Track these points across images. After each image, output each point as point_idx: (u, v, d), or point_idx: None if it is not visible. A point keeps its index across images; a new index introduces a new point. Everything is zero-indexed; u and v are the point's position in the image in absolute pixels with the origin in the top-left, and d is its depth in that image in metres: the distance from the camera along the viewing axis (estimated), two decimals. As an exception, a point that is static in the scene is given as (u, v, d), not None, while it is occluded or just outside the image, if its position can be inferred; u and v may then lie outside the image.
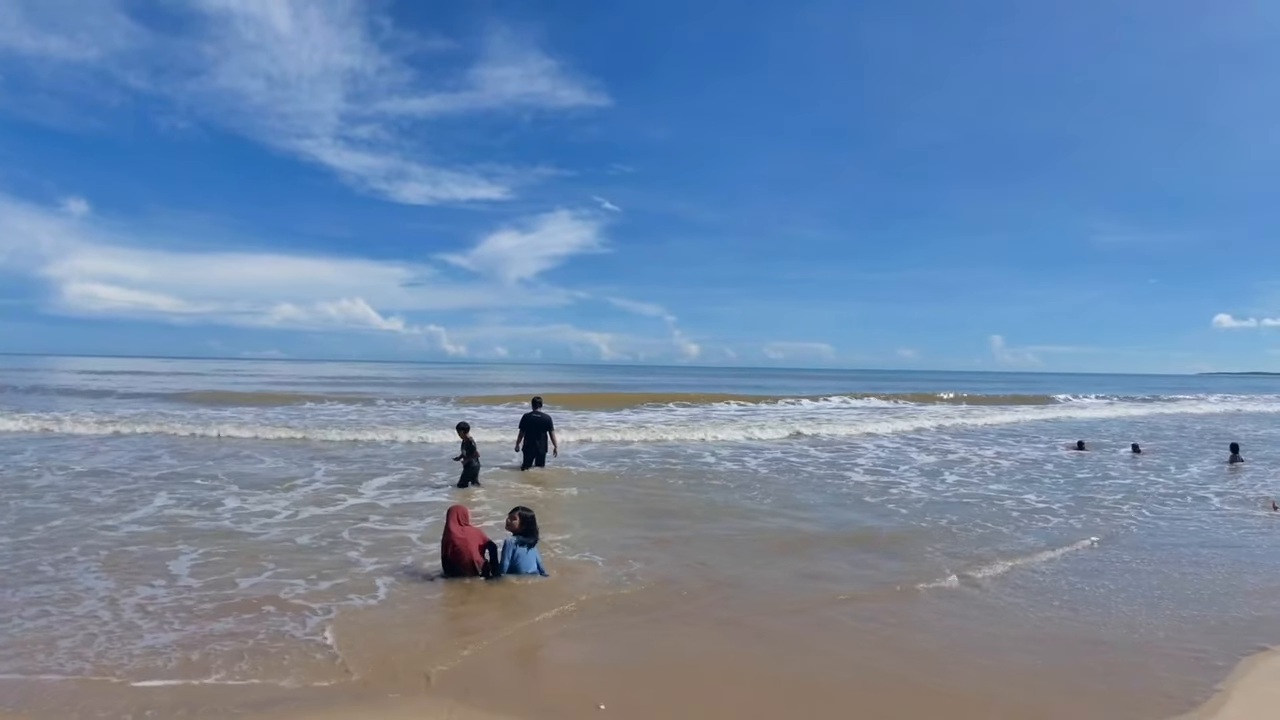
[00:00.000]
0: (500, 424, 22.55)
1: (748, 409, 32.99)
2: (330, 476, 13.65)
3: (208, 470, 14.09)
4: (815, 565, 8.31)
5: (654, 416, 28.74)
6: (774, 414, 30.63)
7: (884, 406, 37.30)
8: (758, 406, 34.47)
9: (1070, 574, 7.96)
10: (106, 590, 6.91)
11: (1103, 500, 12.27)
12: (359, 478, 13.52)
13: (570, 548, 8.90)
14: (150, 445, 17.71)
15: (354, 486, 12.58)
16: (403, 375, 74.89)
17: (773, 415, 29.67)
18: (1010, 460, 17.89)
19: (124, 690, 4.78)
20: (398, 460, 16.04)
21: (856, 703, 4.86)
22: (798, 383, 73.87)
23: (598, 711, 4.60)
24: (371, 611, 6.55)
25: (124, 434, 19.59)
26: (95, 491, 11.75)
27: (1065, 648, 5.86)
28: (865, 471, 15.76)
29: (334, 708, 4.62)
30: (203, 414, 25.47)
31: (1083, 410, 38.31)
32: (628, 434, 21.56)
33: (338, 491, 12.15)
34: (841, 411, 33.14)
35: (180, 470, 14.09)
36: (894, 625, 6.38)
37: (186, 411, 26.81)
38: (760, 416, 28.99)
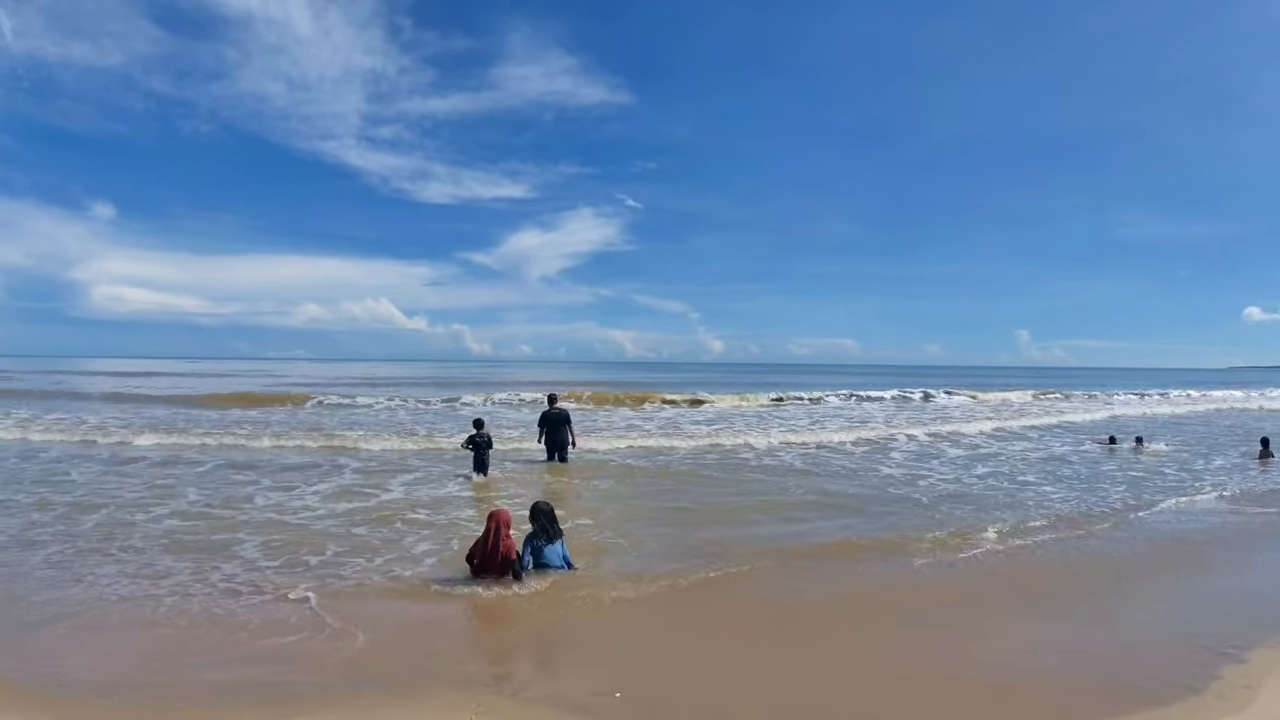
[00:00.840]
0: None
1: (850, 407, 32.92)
2: (357, 474, 13.96)
3: (247, 467, 14.46)
4: (847, 560, 8.37)
5: (682, 414, 28.85)
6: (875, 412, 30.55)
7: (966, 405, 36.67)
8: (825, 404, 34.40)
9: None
10: (187, 569, 7.61)
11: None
12: (393, 473, 13.84)
13: (593, 539, 9.13)
14: (176, 449, 18.18)
15: (386, 481, 12.88)
16: (432, 375, 75.37)
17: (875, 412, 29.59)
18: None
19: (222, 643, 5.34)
20: (420, 458, 16.32)
21: (878, 690, 4.94)
22: (824, 379, 73.24)
23: (614, 700, 4.75)
24: (404, 602, 6.80)
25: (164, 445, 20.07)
26: (131, 487, 12.20)
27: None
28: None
29: (362, 695, 4.82)
30: (242, 418, 25.97)
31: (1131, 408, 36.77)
32: (655, 435, 21.62)
33: (369, 485, 12.46)
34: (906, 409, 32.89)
35: (210, 469, 14.49)
36: (928, 625, 6.44)
37: (218, 413, 27.37)
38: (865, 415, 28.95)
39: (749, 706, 4.70)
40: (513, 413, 28.19)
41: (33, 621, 6.22)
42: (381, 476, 13.51)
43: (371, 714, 4.47)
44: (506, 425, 22.10)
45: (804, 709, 4.70)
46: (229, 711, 4.51)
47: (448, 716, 4.44)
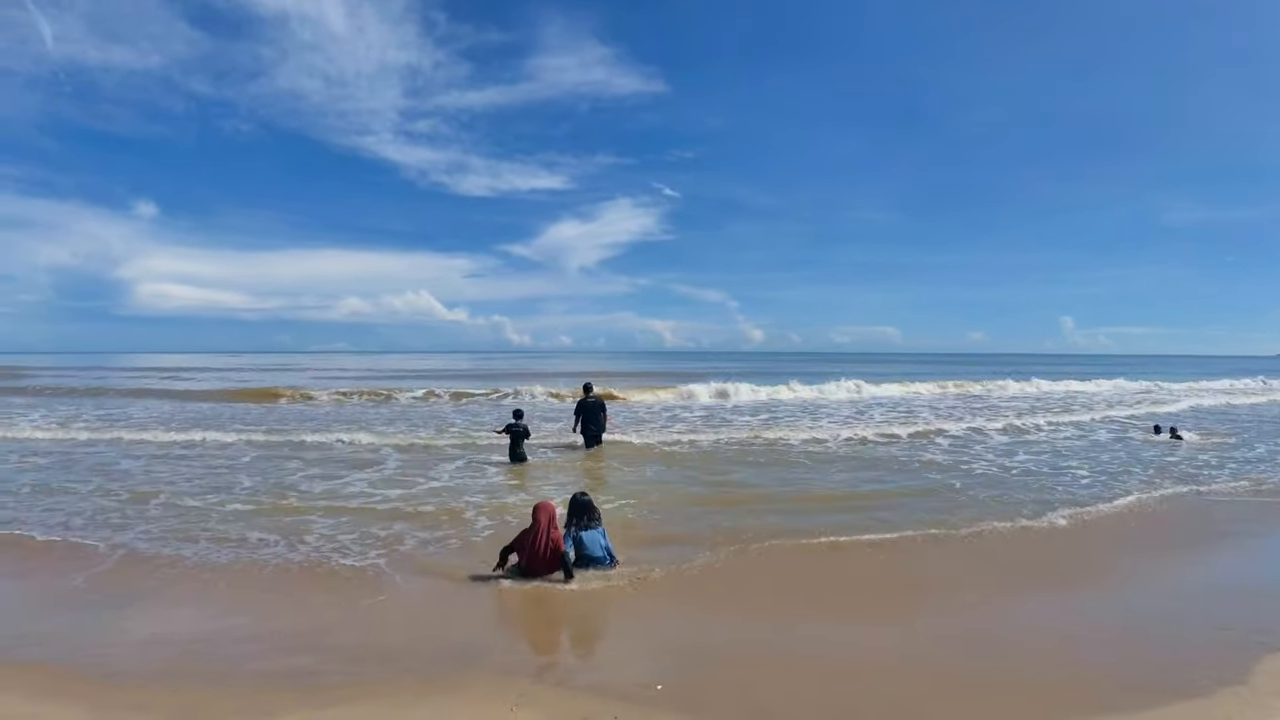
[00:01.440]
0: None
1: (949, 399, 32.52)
2: (400, 464, 14.09)
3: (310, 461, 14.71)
4: (888, 548, 8.21)
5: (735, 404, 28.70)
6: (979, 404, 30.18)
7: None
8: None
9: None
10: (277, 540, 8.37)
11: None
12: (435, 462, 13.94)
13: (634, 526, 9.14)
14: (231, 447, 18.54)
15: (429, 470, 12.98)
16: (473, 367, 76.11)
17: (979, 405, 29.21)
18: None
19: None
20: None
21: (916, 683, 4.80)
22: (867, 368, 72.38)
23: (655, 691, 4.67)
24: (447, 591, 6.82)
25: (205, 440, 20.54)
26: (185, 476, 12.49)
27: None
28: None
29: (402, 684, 4.81)
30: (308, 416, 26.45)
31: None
32: (699, 426, 21.51)
33: (413, 474, 12.56)
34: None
35: (267, 459, 14.77)
36: (964, 613, 6.30)
37: (261, 408, 27.94)
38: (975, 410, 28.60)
39: (789, 700, 4.59)
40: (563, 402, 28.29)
41: (92, 604, 6.38)
42: (424, 466, 13.64)
43: (411, 703, 4.44)
44: (546, 417, 22.25)
45: (842, 703, 4.58)
46: (269, 699, 4.51)
47: (487, 707, 4.40)
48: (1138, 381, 43.92)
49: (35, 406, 25.89)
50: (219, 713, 4.30)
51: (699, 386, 31.52)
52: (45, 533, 8.90)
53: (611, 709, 4.38)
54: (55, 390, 33.36)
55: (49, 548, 8.36)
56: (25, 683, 4.76)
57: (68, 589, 6.96)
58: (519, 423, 14.21)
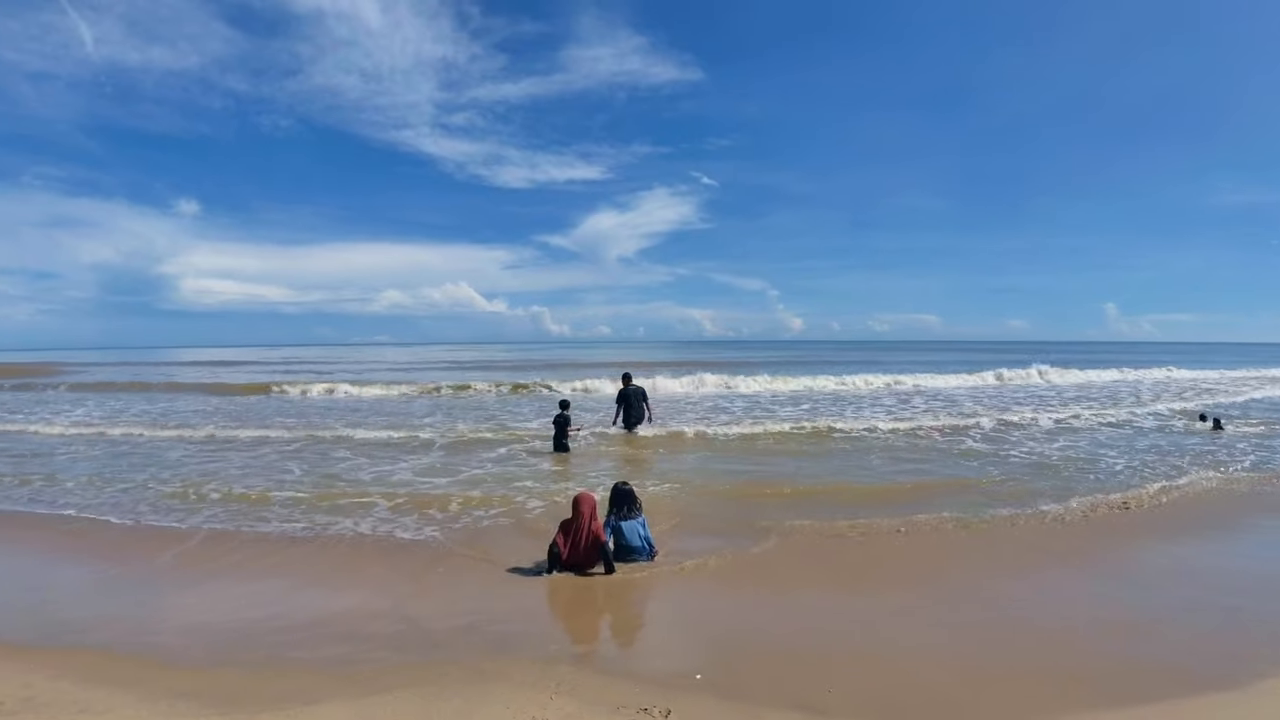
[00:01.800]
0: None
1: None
2: (441, 451, 14.25)
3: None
4: (931, 534, 8.13)
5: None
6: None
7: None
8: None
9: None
10: (344, 517, 8.95)
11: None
12: (478, 450, 14.10)
13: (674, 514, 9.13)
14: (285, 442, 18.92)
15: (473, 457, 13.13)
16: (511, 358, 76.65)
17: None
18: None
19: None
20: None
21: (957, 674, 4.72)
22: (907, 356, 71.41)
23: (695, 681, 4.66)
24: (489, 579, 6.89)
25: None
26: (234, 464, 12.79)
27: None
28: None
29: (443, 672, 4.86)
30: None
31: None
32: (742, 417, 21.37)
33: (456, 461, 12.73)
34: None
35: (299, 449, 15.08)
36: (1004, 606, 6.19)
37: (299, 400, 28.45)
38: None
39: (829, 689, 4.52)
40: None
41: (165, 585, 6.61)
42: (468, 454, 13.82)
43: (452, 691, 4.47)
44: (584, 406, 22.36)
45: (883, 693, 4.51)
46: (311, 686, 4.58)
47: (527, 694, 4.42)
48: (1188, 370, 42.32)
49: (82, 401, 26.76)
50: (263, 699, 4.37)
51: (741, 377, 31.35)
52: (120, 517, 9.29)
53: (650, 698, 4.37)
54: (101, 386, 34.22)
55: (133, 530, 8.77)
56: (80, 667, 4.90)
57: (153, 569, 7.31)
58: (563, 413, 14.54)
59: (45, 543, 8.34)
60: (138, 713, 4.17)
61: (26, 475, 12.08)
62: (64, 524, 9.10)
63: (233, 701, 4.34)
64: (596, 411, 20.81)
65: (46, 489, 11.04)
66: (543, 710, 4.20)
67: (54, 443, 16.28)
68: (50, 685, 4.56)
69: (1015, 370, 36.92)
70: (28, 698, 4.35)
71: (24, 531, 8.86)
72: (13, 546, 8.24)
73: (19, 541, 8.43)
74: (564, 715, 4.14)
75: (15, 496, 10.65)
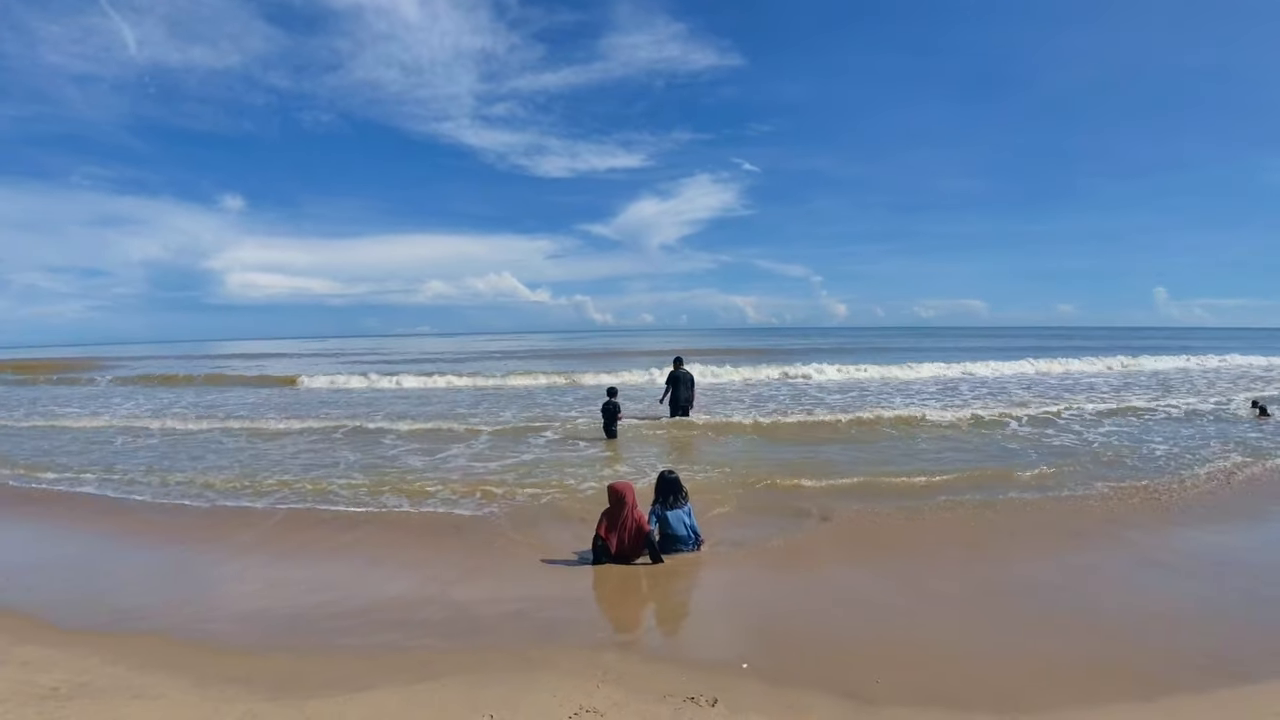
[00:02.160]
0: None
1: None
2: (490, 439, 14.34)
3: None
4: (974, 525, 7.92)
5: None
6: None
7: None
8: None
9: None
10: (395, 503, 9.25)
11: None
12: (526, 436, 14.16)
13: (720, 502, 9.04)
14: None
15: (521, 444, 13.19)
16: (556, 347, 77.08)
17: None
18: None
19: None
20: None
21: (1011, 667, 4.54)
22: (954, 342, 70.09)
23: (741, 670, 4.57)
24: (535, 567, 6.89)
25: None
26: (289, 454, 13.01)
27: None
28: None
29: (488, 660, 4.84)
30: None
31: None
32: (789, 407, 21.16)
33: (506, 449, 12.77)
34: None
35: (345, 436, 15.29)
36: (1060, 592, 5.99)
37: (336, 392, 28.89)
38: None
39: (879, 680, 4.39)
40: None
41: (204, 579, 6.72)
42: (515, 442, 13.89)
43: (499, 679, 4.44)
44: (630, 395, 22.36)
45: (934, 684, 4.36)
46: (362, 672, 4.59)
47: (573, 682, 4.37)
48: (1248, 356, 39.86)
49: (132, 395, 27.52)
50: (312, 685, 4.39)
51: (786, 366, 31.01)
52: (193, 500, 9.66)
53: (697, 686, 4.28)
54: (146, 379, 34.92)
55: (212, 513, 9.16)
56: (137, 652, 4.99)
57: (236, 546, 7.69)
58: (612, 399, 14.67)
59: (117, 527, 8.63)
60: (188, 697, 4.22)
61: (87, 465, 12.42)
62: (131, 509, 9.42)
63: (282, 687, 4.37)
64: (641, 400, 20.73)
65: (108, 478, 11.33)
66: (589, 698, 4.14)
67: (110, 433, 16.75)
68: (106, 670, 4.66)
69: (1070, 358, 35.33)
70: (84, 683, 4.44)
71: (96, 517, 9.16)
72: (81, 531, 8.48)
73: (85, 525, 8.69)
74: (611, 703, 4.08)
75: (83, 480, 11.00)
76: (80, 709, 4.05)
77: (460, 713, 3.98)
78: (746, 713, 3.97)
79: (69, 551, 7.80)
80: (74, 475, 11.59)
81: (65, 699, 4.18)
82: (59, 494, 10.50)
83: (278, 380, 31.86)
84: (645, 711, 3.98)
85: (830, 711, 4.03)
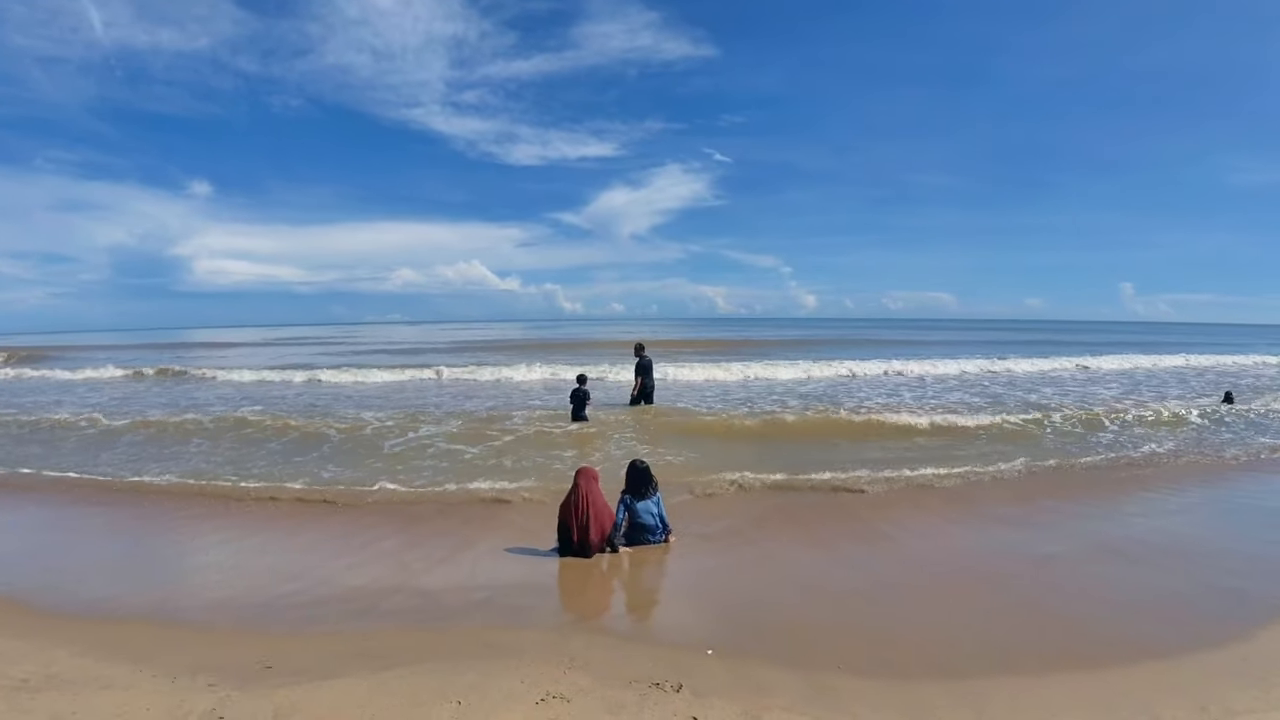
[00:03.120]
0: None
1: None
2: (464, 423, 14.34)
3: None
4: (939, 514, 8.17)
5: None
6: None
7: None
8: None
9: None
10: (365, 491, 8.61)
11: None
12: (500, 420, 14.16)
13: (686, 490, 9.23)
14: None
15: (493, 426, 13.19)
16: (547, 337, 76.69)
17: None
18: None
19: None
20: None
21: (968, 647, 4.77)
22: (920, 335, 71.07)
23: (706, 656, 4.70)
24: (500, 556, 6.95)
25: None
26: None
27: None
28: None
29: (459, 646, 4.92)
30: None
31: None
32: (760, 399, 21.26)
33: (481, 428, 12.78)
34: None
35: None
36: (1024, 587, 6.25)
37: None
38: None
39: (845, 665, 4.57)
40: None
41: (179, 560, 6.69)
42: (483, 430, 13.85)
43: (468, 666, 4.50)
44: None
45: (890, 666, 4.56)
46: (331, 660, 4.64)
47: (541, 669, 4.45)
48: (1216, 356, 38.55)
49: (96, 387, 26.89)
50: (282, 673, 4.43)
51: (751, 363, 30.97)
52: (159, 489, 9.42)
53: (663, 672, 4.40)
54: (97, 379, 34.18)
55: (178, 502, 9.17)
56: (106, 642, 4.98)
57: (203, 535, 7.42)
58: (582, 387, 14.91)
59: (82, 516, 8.51)
60: (158, 687, 4.24)
61: (49, 454, 12.21)
62: (94, 498, 9.26)
63: (252, 675, 4.41)
64: (611, 389, 20.80)
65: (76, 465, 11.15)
66: (556, 684, 4.24)
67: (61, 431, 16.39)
68: (75, 661, 4.65)
69: (1039, 358, 34.68)
70: (52, 674, 4.44)
71: (60, 505, 9.02)
72: (45, 519, 8.37)
73: (48, 513, 8.57)
74: (578, 689, 4.18)
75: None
76: (49, 701, 4.05)
77: (429, 699, 4.05)
78: (711, 697, 4.10)
79: (34, 541, 7.71)
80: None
81: (34, 691, 4.19)
82: (17, 479, 10.34)
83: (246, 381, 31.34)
84: (611, 697, 4.09)
85: (793, 694, 4.17)
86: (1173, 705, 4.06)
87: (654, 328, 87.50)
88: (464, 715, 3.87)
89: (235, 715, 3.87)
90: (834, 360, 30.11)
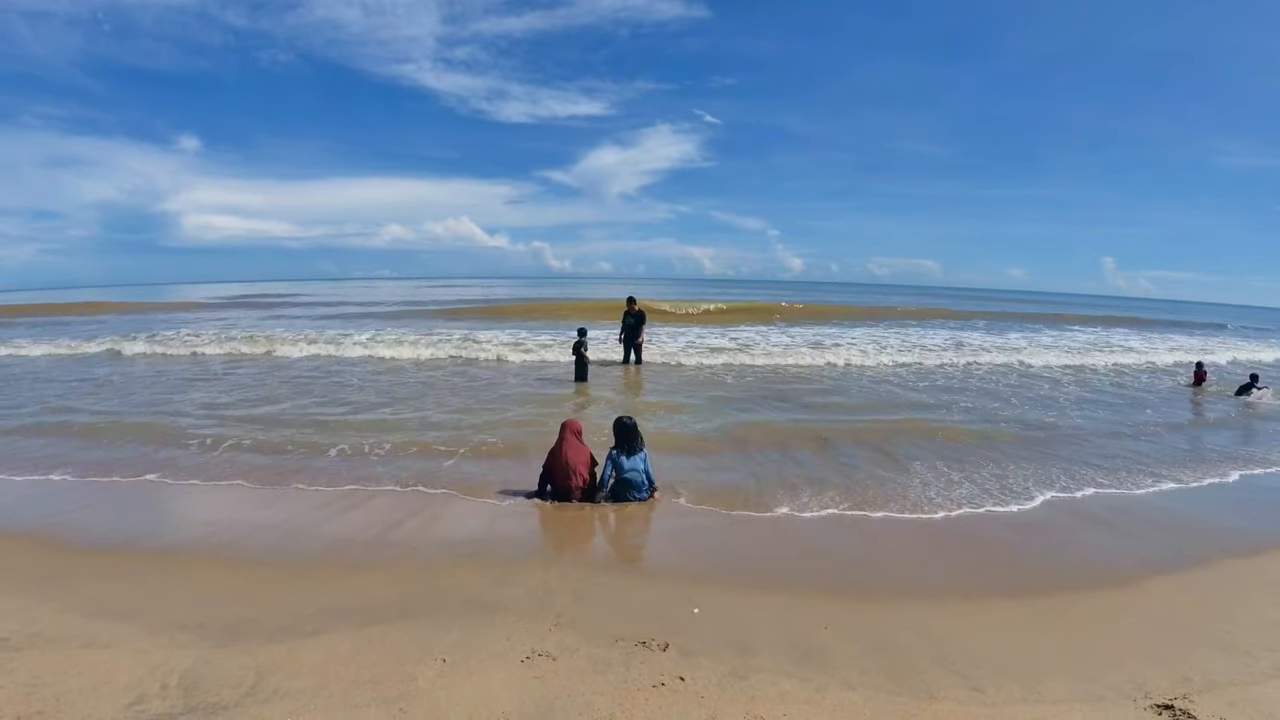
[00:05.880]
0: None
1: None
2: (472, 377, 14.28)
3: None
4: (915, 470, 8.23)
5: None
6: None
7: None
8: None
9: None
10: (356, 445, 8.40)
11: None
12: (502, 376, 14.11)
13: (674, 447, 9.26)
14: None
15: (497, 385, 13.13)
16: (536, 295, 76.22)
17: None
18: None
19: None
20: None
21: (948, 615, 4.83)
22: (908, 299, 71.13)
23: (693, 615, 4.72)
24: (482, 517, 6.93)
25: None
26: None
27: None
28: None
29: (444, 603, 4.92)
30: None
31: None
32: (745, 351, 21.41)
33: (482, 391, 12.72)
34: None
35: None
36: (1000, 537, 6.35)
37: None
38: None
39: (827, 628, 4.60)
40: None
41: (159, 517, 6.65)
42: (477, 384, 13.81)
43: (452, 623, 4.50)
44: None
45: (875, 632, 4.60)
46: (313, 617, 4.63)
47: (525, 626, 4.46)
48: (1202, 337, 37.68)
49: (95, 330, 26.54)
50: (265, 630, 4.43)
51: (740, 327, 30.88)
52: (138, 444, 9.30)
53: (649, 630, 4.41)
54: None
55: (158, 456, 8.68)
56: (89, 600, 4.96)
57: (183, 493, 7.31)
58: (582, 339, 14.98)
59: (59, 470, 8.37)
60: (140, 644, 4.22)
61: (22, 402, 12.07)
62: (71, 454, 9.12)
63: (234, 632, 4.40)
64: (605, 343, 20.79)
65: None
66: (542, 642, 4.25)
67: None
68: (58, 619, 4.62)
69: (1025, 331, 33.73)
70: (35, 633, 4.40)
71: (36, 461, 8.88)
72: (21, 474, 8.27)
73: (25, 468, 8.47)
74: (563, 647, 4.19)
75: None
76: (32, 660, 4.02)
77: (414, 656, 4.06)
78: (697, 656, 4.11)
79: (11, 496, 7.62)
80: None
81: (16, 650, 4.15)
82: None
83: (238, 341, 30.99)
84: (597, 655, 4.10)
85: (780, 654, 4.19)
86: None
87: (641, 286, 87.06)
88: (449, 673, 3.88)
89: (216, 675, 3.86)
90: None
